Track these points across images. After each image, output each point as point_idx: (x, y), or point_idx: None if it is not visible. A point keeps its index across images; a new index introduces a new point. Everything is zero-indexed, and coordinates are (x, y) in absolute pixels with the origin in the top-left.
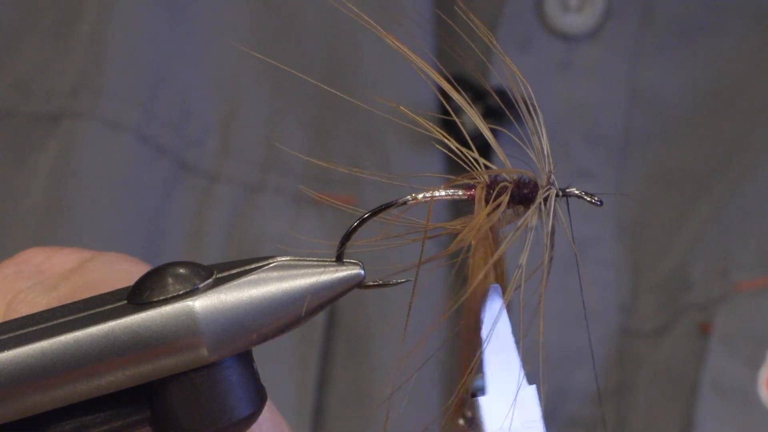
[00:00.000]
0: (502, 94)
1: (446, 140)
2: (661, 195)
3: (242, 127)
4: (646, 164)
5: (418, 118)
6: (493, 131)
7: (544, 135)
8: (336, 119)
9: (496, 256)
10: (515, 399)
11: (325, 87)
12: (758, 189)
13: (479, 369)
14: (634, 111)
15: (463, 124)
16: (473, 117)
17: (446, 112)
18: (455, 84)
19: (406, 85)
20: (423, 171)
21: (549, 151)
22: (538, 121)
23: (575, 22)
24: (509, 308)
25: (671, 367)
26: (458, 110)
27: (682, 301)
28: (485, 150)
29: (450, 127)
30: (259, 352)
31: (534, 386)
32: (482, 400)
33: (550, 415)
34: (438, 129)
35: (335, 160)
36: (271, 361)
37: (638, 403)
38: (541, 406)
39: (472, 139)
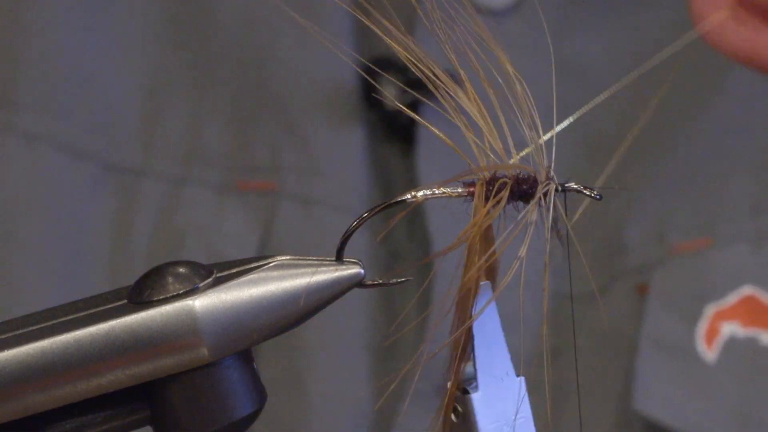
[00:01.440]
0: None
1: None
2: (592, 161)
3: (164, 123)
4: (576, 132)
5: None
6: (418, 103)
7: (539, 126)
8: (256, 110)
9: (493, 254)
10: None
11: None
12: (691, 152)
13: (471, 364)
14: (561, 81)
15: (384, 98)
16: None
17: (369, 90)
18: (377, 62)
19: (325, 68)
20: (345, 150)
21: (546, 145)
22: (534, 113)
23: None
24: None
25: (609, 328)
26: (380, 86)
27: (619, 265)
28: (409, 124)
29: (373, 105)
30: None
31: (522, 378)
32: (474, 397)
33: None
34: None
35: (256, 149)
36: None
37: (576, 364)
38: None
39: (396, 114)
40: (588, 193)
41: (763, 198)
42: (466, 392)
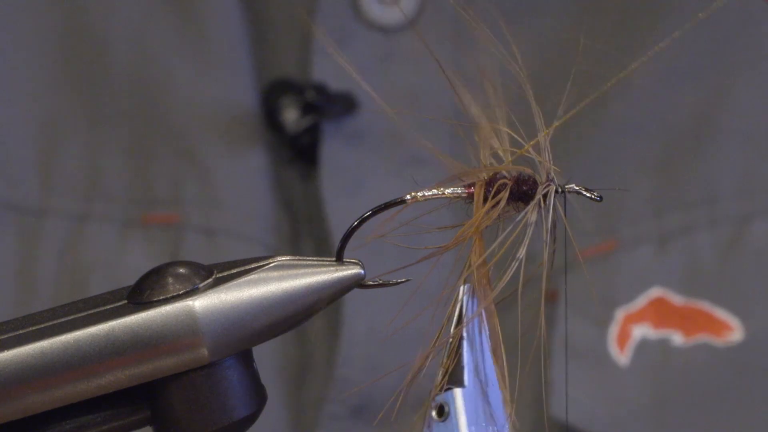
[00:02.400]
0: (322, 88)
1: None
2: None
3: (62, 160)
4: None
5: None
6: (319, 124)
7: (544, 127)
8: (154, 142)
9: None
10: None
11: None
12: (592, 157)
13: (459, 362)
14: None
15: (284, 121)
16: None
17: (269, 115)
18: (276, 85)
19: (222, 96)
20: (246, 177)
21: (548, 146)
22: (540, 118)
23: (392, 13)
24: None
25: (522, 336)
26: (280, 109)
27: (526, 273)
28: (308, 149)
29: (275, 127)
30: None
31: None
32: (458, 392)
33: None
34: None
35: (157, 182)
36: None
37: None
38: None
39: (298, 135)
40: (588, 194)
41: (663, 199)
42: (449, 389)
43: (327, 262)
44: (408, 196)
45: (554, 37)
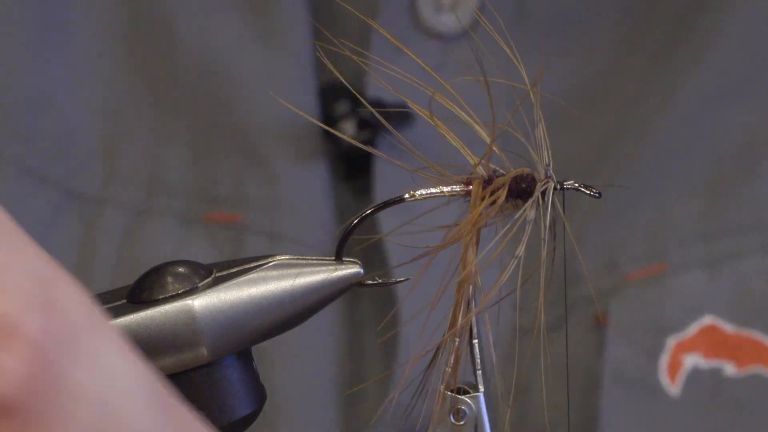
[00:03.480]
0: (379, 103)
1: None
2: None
3: (126, 150)
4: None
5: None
6: (374, 137)
7: (542, 126)
8: (219, 136)
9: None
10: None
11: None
12: (638, 178)
13: (474, 366)
14: (512, 107)
15: (344, 132)
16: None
17: (326, 121)
18: (333, 93)
19: (289, 99)
20: (309, 183)
21: (547, 143)
22: (538, 114)
23: (449, 21)
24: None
25: (570, 361)
26: (339, 118)
27: (573, 296)
28: (367, 157)
29: (331, 137)
30: None
31: (481, 394)
32: (481, 396)
33: None
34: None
35: (221, 179)
36: None
37: (538, 400)
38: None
39: (353, 150)
40: (587, 191)
41: (713, 221)
42: (466, 392)
43: (326, 261)
44: (407, 195)
45: (602, 53)
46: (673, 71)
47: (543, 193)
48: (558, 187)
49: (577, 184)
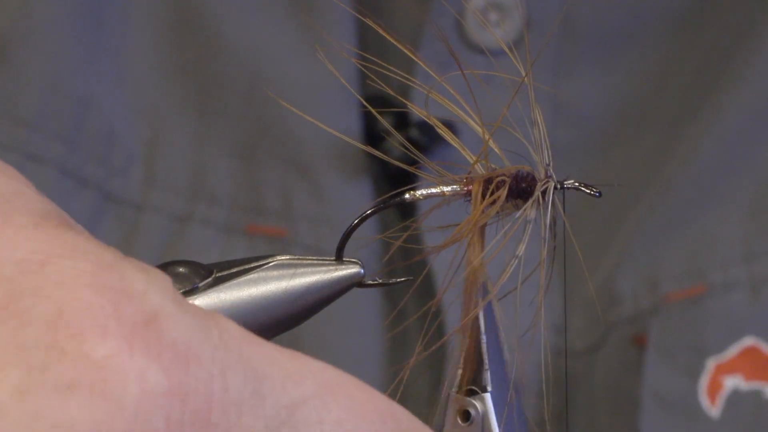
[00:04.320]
0: (424, 125)
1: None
2: (586, 210)
3: (167, 155)
4: (571, 176)
5: (355, 144)
6: (417, 156)
7: (543, 127)
8: (265, 146)
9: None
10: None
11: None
12: (682, 199)
13: (482, 365)
14: (557, 124)
15: (388, 150)
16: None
17: (371, 137)
18: (381, 108)
19: (329, 111)
20: (354, 199)
21: (547, 143)
22: (539, 115)
23: (495, 37)
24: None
25: (609, 383)
26: (384, 135)
27: (613, 316)
28: (414, 174)
29: (376, 158)
30: None
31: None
32: (488, 397)
33: None
34: (371, 152)
35: (265, 189)
36: None
37: (580, 423)
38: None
39: (398, 171)
40: (587, 190)
41: (755, 243)
42: (475, 393)
43: (326, 262)
44: (407, 195)
45: (648, 70)
46: (718, 90)
47: (543, 193)
48: (558, 186)
49: (577, 184)
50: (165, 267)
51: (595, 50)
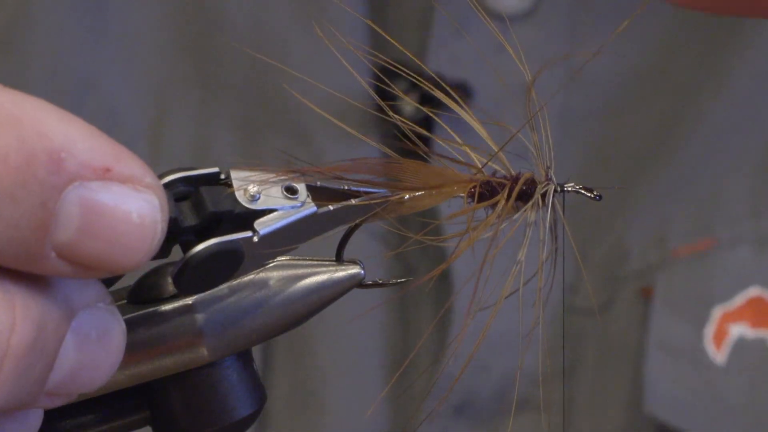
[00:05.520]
0: (438, 79)
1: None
2: (599, 172)
3: (172, 131)
4: (583, 142)
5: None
6: (430, 117)
7: (549, 131)
8: (267, 118)
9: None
10: None
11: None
12: (690, 158)
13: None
14: (570, 89)
15: (399, 111)
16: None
17: (382, 100)
18: (390, 72)
19: (337, 78)
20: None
21: (550, 146)
22: (542, 118)
23: (511, 2)
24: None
25: (617, 337)
26: (394, 99)
27: (622, 272)
28: (422, 137)
29: (386, 118)
30: None
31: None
32: None
33: (499, 398)
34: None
35: (268, 160)
36: None
37: (588, 378)
38: None
39: (408, 129)
40: (587, 193)
41: (762, 199)
42: None
43: (326, 263)
44: (407, 195)
45: (660, 36)
46: (727, 54)
47: (543, 195)
48: (558, 189)
49: (577, 187)
50: (165, 267)
51: (609, 17)
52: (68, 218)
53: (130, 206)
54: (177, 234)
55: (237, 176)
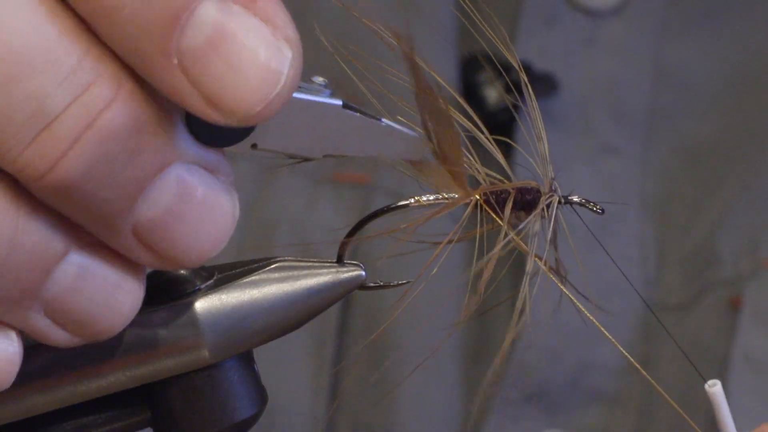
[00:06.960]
0: (526, 68)
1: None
2: (687, 170)
3: None
4: (672, 140)
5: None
6: (515, 107)
7: (545, 142)
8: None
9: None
10: None
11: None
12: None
13: None
14: (659, 87)
15: (483, 100)
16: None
17: (467, 89)
18: (477, 60)
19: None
20: None
21: (549, 158)
22: (541, 128)
23: None
24: None
25: (699, 341)
26: (479, 87)
27: (710, 276)
28: (505, 127)
29: (472, 103)
30: None
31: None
32: None
33: (572, 389)
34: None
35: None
36: (288, 338)
37: (665, 376)
38: None
39: (493, 114)
40: (591, 207)
41: None
42: None
43: (328, 264)
44: (411, 200)
45: (753, 37)
46: None
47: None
48: (562, 201)
49: (580, 199)
50: (163, 271)
51: (701, 15)
52: (199, 29)
53: (258, 44)
54: None
55: None
